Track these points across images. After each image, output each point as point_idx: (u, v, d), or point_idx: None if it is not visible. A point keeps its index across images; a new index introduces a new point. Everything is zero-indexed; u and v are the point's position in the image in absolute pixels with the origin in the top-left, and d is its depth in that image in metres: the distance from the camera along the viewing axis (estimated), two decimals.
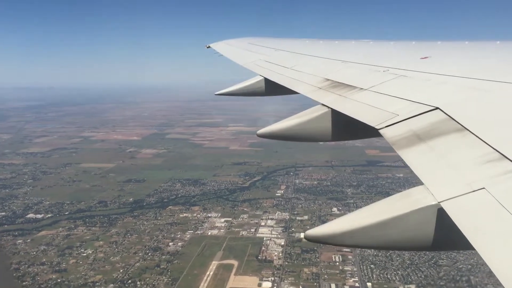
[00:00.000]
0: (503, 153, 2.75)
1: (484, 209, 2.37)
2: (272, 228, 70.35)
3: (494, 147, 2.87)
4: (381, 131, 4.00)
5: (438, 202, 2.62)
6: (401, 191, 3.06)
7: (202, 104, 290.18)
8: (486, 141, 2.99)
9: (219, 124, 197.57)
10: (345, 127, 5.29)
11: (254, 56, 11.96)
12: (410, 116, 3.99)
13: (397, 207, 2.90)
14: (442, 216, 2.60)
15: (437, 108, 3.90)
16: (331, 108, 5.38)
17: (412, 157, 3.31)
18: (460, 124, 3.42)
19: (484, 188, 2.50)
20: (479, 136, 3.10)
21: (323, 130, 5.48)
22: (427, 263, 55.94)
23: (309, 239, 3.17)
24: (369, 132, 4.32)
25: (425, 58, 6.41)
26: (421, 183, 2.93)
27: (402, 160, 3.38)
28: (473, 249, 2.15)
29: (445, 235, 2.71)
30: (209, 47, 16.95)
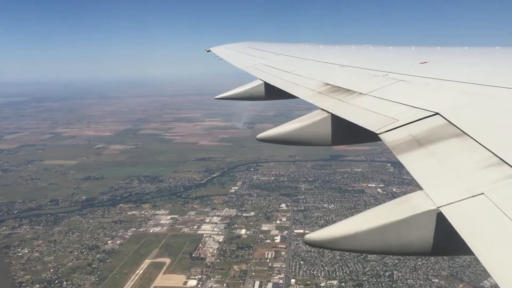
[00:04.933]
0: (503, 158, 2.73)
1: (483, 214, 2.36)
2: (215, 225, 70.64)
3: (494, 152, 2.85)
4: (381, 136, 4.01)
5: (438, 207, 2.62)
6: (355, 187, 2.95)
7: (185, 99, 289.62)
8: (485, 146, 2.97)
9: (195, 119, 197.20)
10: (345, 131, 5.29)
11: (254, 60, 11.92)
12: (410, 121, 4.01)
13: (396, 211, 2.89)
14: (441, 221, 2.58)
15: (437, 113, 3.91)
16: (330, 113, 5.35)
17: (411, 162, 3.31)
18: (459, 129, 3.41)
19: (483, 193, 2.50)
20: (478, 141, 3.08)
21: (323, 135, 5.45)
22: (355, 259, 56.53)
23: (309, 243, 3.12)
24: (369, 136, 4.32)
25: (424, 63, 6.39)
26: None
27: (364, 154, 3.32)
28: (473, 254, 2.15)
29: (445, 240, 2.73)
30: (209, 51, 17.00)
